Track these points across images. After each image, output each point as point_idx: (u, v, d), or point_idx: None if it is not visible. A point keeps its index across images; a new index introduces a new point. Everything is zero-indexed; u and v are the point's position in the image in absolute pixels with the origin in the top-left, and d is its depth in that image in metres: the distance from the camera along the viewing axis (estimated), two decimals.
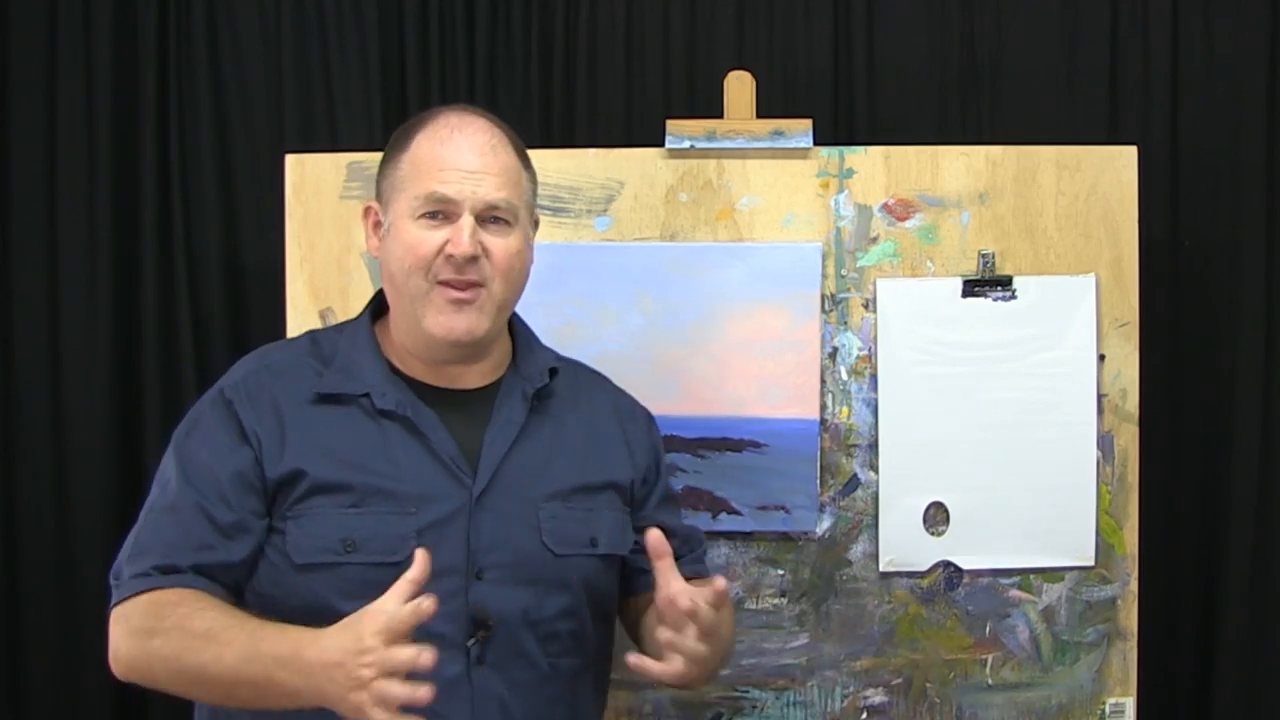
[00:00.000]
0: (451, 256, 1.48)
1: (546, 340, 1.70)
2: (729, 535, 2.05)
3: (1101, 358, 2.05)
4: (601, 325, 2.03)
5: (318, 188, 2.08)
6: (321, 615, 1.38)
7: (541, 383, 1.61)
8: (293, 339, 1.69)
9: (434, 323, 1.50)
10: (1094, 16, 2.38)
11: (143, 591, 1.43)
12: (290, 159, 2.11)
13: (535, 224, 1.64)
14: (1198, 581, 2.36)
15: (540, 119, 2.40)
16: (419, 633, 1.31)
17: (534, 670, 1.52)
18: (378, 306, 1.63)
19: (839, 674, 2.06)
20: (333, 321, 2.04)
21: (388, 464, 1.49)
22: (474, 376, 1.59)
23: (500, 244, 1.52)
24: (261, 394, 1.52)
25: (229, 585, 1.47)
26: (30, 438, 2.40)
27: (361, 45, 2.40)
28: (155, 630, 1.40)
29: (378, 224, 1.58)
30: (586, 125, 2.40)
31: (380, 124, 2.39)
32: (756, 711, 2.06)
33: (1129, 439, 2.06)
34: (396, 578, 1.33)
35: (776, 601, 2.06)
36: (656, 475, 1.72)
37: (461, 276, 1.49)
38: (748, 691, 2.06)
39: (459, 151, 1.51)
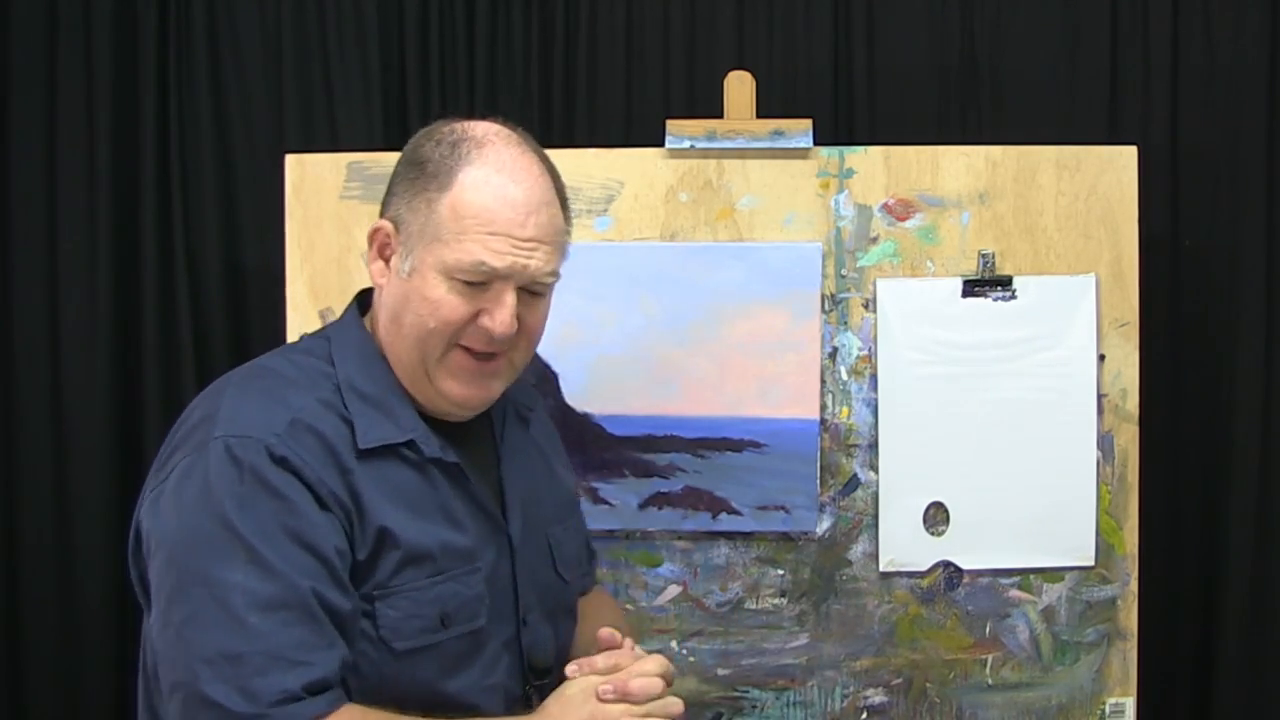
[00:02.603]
0: (488, 331, 1.32)
1: (546, 341, 1.50)
2: (729, 535, 2.06)
3: (1101, 358, 2.05)
4: (601, 325, 2.03)
5: (318, 188, 2.08)
6: (420, 698, 1.28)
7: (530, 399, 1.53)
8: (280, 375, 1.37)
9: (448, 387, 1.34)
10: (1094, 16, 2.37)
11: None
12: (290, 159, 2.11)
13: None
14: (1198, 581, 2.36)
15: (540, 119, 2.40)
16: (485, 691, 1.34)
17: None
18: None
19: (839, 674, 2.06)
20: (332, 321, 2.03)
21: (445, 517, 1.34)
22: None
23: (535, 314, 1.37)
24: (313, 446, 1.27)
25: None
26: (30, 437, 2.40)
27: (361, 45, 2.40)
28: None
29: (385, 247, 1.37)
30: (586, 125, 2.41)
31: (380, 124, 2.39)
32: (756, 711, 2.06)
33: (1129, 439, 2.06)
34: (479, 644, 1.33)
35: (776, 601, 2.07)
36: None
37: (489, 349, 1.34)
38: (748, 691, 2.07)
39: (512, 211, 1.30)
